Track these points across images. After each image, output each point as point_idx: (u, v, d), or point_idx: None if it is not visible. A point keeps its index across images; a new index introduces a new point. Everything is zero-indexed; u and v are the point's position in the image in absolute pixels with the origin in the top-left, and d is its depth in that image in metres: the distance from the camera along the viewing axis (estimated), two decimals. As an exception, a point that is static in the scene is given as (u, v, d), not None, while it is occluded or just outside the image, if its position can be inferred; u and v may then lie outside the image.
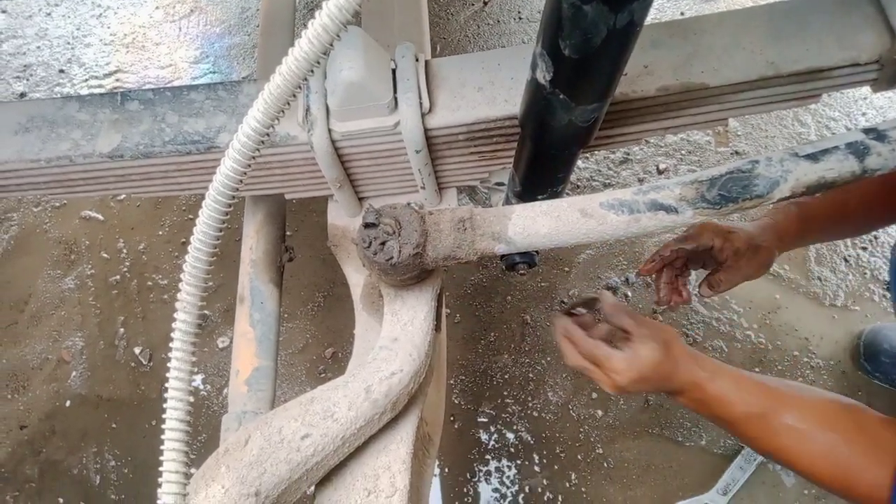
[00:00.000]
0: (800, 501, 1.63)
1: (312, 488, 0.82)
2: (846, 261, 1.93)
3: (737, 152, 2.14)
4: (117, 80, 2.48)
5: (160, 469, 0.53)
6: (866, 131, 0.71)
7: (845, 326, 1.82)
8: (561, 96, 0.72)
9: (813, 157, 0.71)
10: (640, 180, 2.09)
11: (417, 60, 0.93)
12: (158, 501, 0.52)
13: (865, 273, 1.90)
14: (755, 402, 0.88)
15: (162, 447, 0.53)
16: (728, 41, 0.91)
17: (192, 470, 0.63)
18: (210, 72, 2.48)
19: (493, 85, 0.92)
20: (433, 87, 0.93)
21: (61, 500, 1.73)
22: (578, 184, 2.09)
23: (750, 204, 0.72)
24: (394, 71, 0.91)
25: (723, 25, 0.93)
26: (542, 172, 0.90)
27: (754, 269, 1.17)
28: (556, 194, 0.95)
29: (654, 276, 1.24)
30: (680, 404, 0.95)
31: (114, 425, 1.82)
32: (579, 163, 0.90)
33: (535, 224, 0.77)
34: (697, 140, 2.16)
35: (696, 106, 0.93)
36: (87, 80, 2.49)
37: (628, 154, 2.14)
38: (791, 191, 0.72)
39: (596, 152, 2.11)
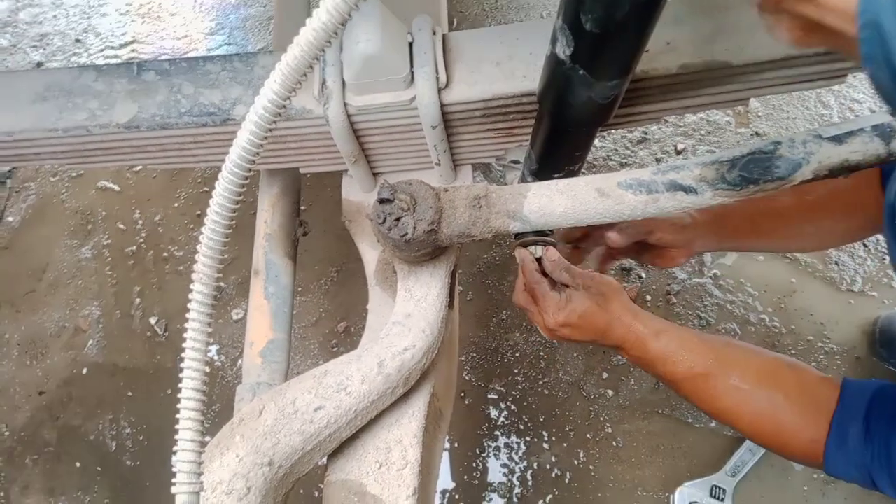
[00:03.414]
0: (808, 486, 1.63)
1: (325, 459, 0.83)
2: (865, 245, 1.90)
3: (757, 133, 2.10)
4: (133, 50, 2.48)
5: (175, 437, 0.53)
6: (893, 113, 0.70)
7: (861, 312, 1.81)
8: (581, 72, 0.71)
9: (837, 139, 0.70)
10: (658, 160, 2.06)
11: (435, 34, 0.92)
12: (174, 468, 0.53)
13: (884, 258, 1.87)
14: (699, 361, 0.87)
15: (177, 416, 0.53)
16: (753, 18, 0.89)
17: (207, 439, 0.64)
18: (225, 43, 2.47)
19: (512, 60, 0.91)
20: (450, 62, 0.92)
21: (78, 465, 1.77)
22: (595, 163, 2.07)
23: (771, 186, 0.71)
24: (410, 45, 0.90)
25: (749, 2, 0.91)
26: (559, 150, 0.89)
27: (671, 236, 1.04)
28: (572, 173, 0.94)
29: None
30: (627, 360, 0.94)
31: (130, 393, 1.85)
32: (595, 141, 0.88)
33: (551, 203, 0.77)
34: (717, 120, 2.12)
35: (717, 85, 0.91)
36: (102, 49, 2.49)
37: (646, 133, 2.11)
38: (813, 173, 0.71)
39: (613, 131, 2.08)
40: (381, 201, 0.77)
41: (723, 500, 1.59)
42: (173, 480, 0.53)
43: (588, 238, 1.13)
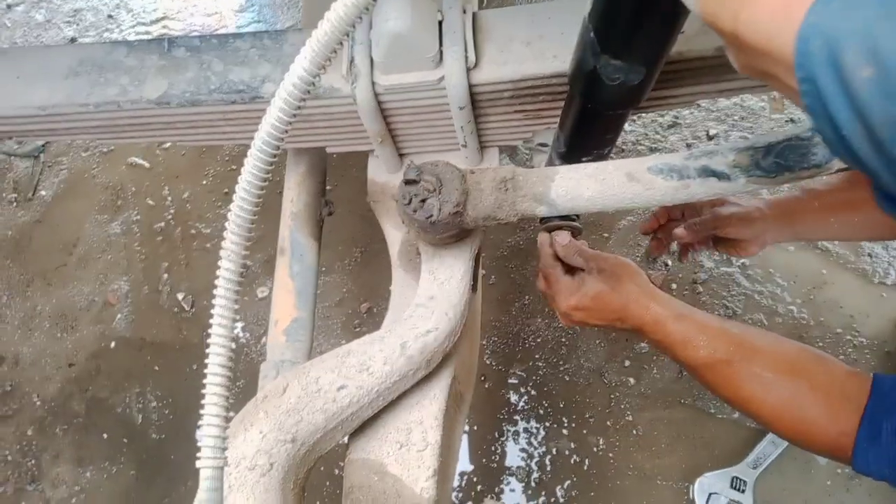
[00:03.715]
0: (832, 480, 1.61)
1: (347, 438, 0.84)
2: (900, 238, 1.85)
3: (792, 119, 2.05)
4: (164, 26, 2.50)
5: (201, 412, 0.54)
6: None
7: (894, 305, 1.76)
8: (591, 34, 0.69)
9: (879, 126, 0.67)
10: (689, 145, 2.03)
11: (465, 12, 0.91)
12: (198, 442, 0.54)
13: (920, 252, 1.83)
14: (721, 347, 0.85)
15: (203, 391, 0.54)
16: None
17: (231, 414, 0.65)
18: (255, 20, 2.47)
19: (542, 39, 0.90)
20: (480, 41, 0.91)
21: (106, 436, 1.81)
22: (623, 147, 2.04)
23: (807, 174, 0.69)
24: (440, 23, 0.89)
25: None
26: (589, 133, 0.88)
27: (738, 232, 1.09)
28: (601, 157, 0.93)
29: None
30: (648, 344, 0.94)
31: (156, 368, 1.89)
32: (625, 125, 0.88)
33: (579, 186, 0.76)
34: (751, 105, 2.07)
35: (754, 69, 0.89)
36: (134, 26, 2.51)
37: (677, 118, 2.07)
38: (852, 161, 0.69)
39: (643, 115, 2.05)
40: (407, 182, 0.76)
41: (743, 491, 1.58)
42: (198, 454, 0.54)
43: (664, 229, 1.17)
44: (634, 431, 1.70)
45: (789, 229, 1.08)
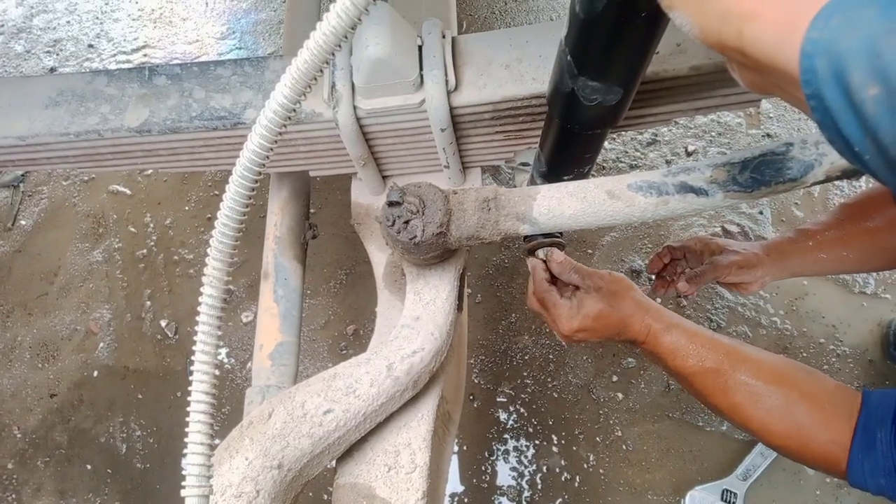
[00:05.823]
0: (821, 490, 1.62)
1: (334, 462, 0.83)
2: (878, 248, 1.88)
3: (768, 135, 2.09)
4: (145, 55, 2.50)
5: (185, 440, 0.54)
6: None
7: (874, 314, 1.79)
8: (568, 57, 0.70)
9: (850, 141, 0.69)
10: (668, 162, 2.05)
11: (444, 37, 0.92)
12: (183, 471, 0.53)
13: (897, 261, 1.86)
14: (709, 356, 0.87)
15: (187, 419, 0.53)
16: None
17: (217, 441, 0.64)
18: (236, 48, 2.48)
19: (521, 62, 0.91)
20: (459, 65, 0.92)
21: (89, 467, 1.78)
22: (604, 165, 2.06)
23: (783, 188, 0.71)
24: (420, 48, 0.90)
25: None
26: (568, 152, 0.89)
27: (739, 278, 1.14)
28: (582, 175, 0.94)
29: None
30: (641, 355, 0.96)
31: (140, 396, 1.86)
32: (605, 143, 0.89)
33: (560, 205, 0.76)
34: (728, 122, 2.11)
35: (728, 86, 0.91)
36: (115, 55, 2.51)
37: (656, 135, 2.10)
38: (826, 175, 0.70)
39: (623, 133, 2.08)
40: (390, 204, 0.77)
41: (734, 503, 1.58)
42: (183, 483, 0.53)
43: (667, 269, 1.22)
44: (624, 447, 1.70)
45: (786, 269, 1.13)
